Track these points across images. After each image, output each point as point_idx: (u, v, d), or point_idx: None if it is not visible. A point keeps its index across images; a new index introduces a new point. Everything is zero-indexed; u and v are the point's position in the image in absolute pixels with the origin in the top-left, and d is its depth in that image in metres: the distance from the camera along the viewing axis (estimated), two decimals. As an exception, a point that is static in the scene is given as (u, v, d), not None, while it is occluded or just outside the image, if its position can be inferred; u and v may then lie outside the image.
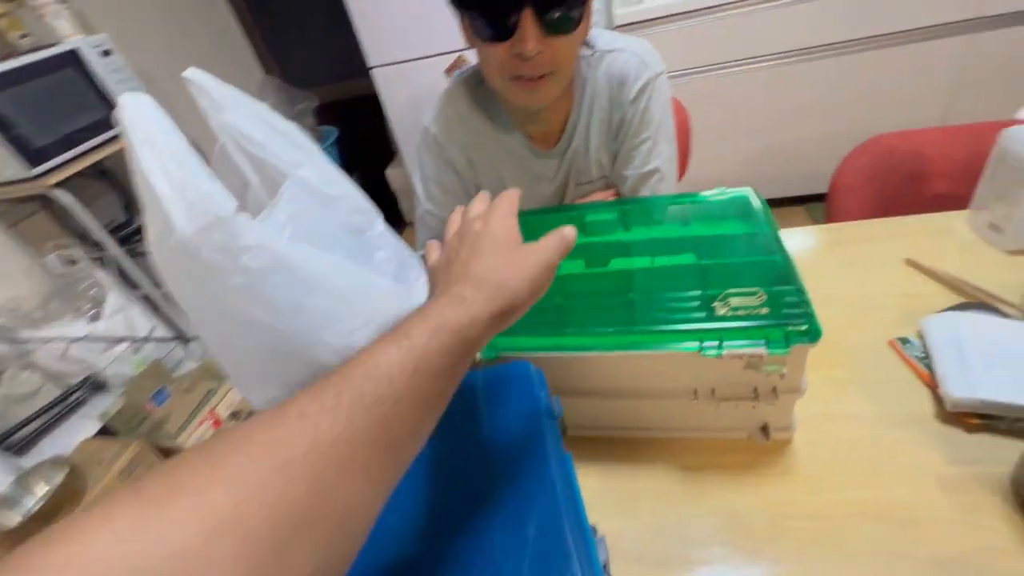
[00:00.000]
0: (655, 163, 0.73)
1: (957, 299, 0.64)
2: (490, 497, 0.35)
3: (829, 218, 0.96)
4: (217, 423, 1.36)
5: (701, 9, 1.52)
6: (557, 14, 0.56)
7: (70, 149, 1.40)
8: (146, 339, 1.42)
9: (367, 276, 0.61)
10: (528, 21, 0.55)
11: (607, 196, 0.78)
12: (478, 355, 0.51)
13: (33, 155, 1.31)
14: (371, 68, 1.81)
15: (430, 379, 0.27)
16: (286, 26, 2.48)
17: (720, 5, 1.51)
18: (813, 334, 0.44)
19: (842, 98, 1.64)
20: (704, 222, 0.65)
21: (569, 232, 0.36)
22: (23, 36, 1.41)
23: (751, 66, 1.62)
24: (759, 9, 1.50)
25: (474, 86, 0.74)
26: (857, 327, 0.64)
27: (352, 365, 0.27)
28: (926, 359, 0.56)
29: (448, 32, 1.55)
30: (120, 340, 1.40)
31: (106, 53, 1.50)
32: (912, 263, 0.70)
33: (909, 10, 1.46)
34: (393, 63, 1.78)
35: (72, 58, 1.42)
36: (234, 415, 1.41)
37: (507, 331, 0.53)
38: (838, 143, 1.42)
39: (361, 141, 2.52)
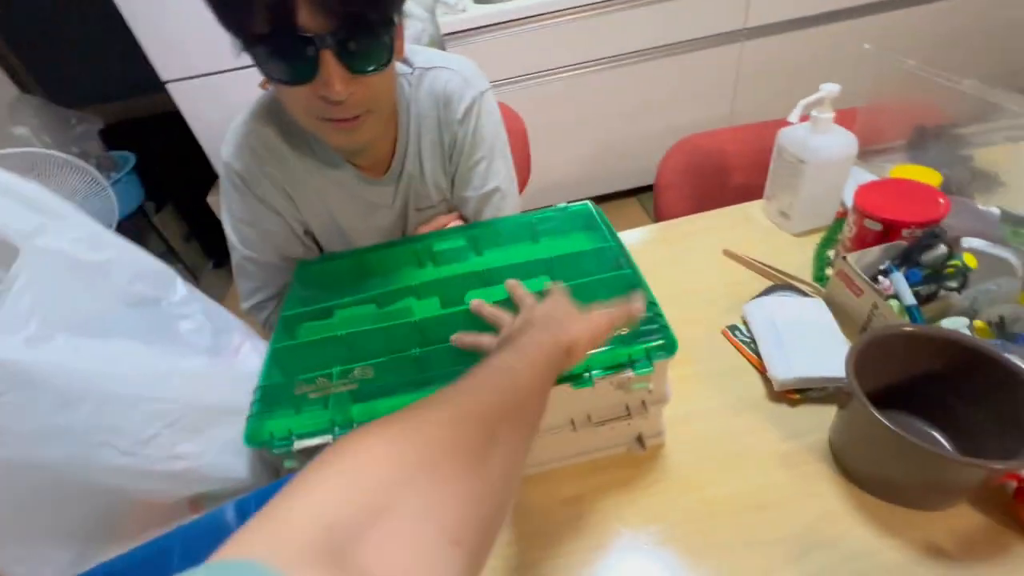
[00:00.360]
0: (494, 182, 0.71)
1: (766, 283, 0.72)
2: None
3: (657, 214, 1.04)
4: None
5: (522, 19, 1.57)
6: (362, 48, 0.48)
7: None
8: None
9: (166, 363, 0.49)
10: (328, 61, 0.47)
11: (451, 219, 0.74)
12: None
13: None
14: (166, 83, 1.55)
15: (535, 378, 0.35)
16: (45, 38, 2.01)
17: (538, 16, 1.57)
18: (670, 347, 0.46)
19: (654, 98, 1.83)
20: (552, 238, 0.65)
21: (637, 308, 0.45)
22: None
23: (574, 72, 1.72)
24: (573, 19, 1.60)
25: (279, 112, 0.63)
26: (693, 321, 0.69)
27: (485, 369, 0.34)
28: (752, 344, 0.62)
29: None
30: None
31: None
32: (729, 253, 0.78)
33: (690, 22, 1.67)
34: (194, 76, 1.53)
35: None
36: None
37: (362, 400, 0.47)
38: (656, 139, 1.57)
39: (169, 166, 2.15)
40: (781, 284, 0.71)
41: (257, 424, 0.45)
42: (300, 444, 0.44)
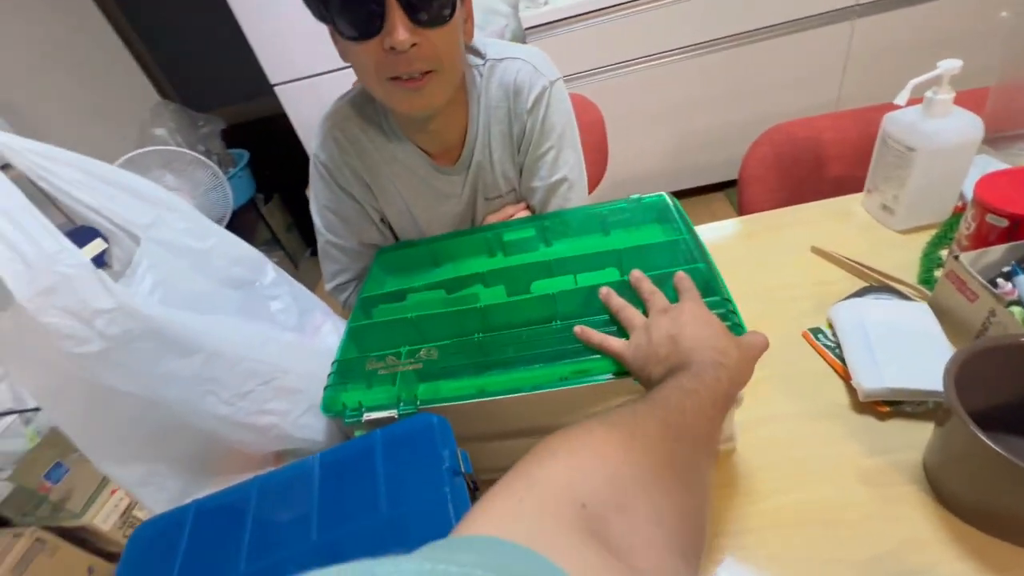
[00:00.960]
0: (562, 172, 0.71)
1: (860, 284, 0.65)
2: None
3: (741, 210, 0.98)
4: (132, 490, 1.23)
5: (604, 8, 1.54)
6: (425, 2, 0.51)
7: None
8: (33, 409, 1.26)
9: (260, 331, 0.55)
10: (394, 9, 0.50)
11: (519, 210, 0.75)
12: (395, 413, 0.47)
13: None
14: (274, 86, 1.71)
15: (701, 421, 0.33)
16: (179, 49, 2.31)
17: (621, 4, 1.53)
18: None
19: (748, 86, 1.71)
20: (624, 231, 0.63)
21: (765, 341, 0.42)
22: None
23: (659, 61, 1.65)
24: (658, 6, 1.54)
25: (362, 106, 0.69)
26: (773, 320, 0.64)
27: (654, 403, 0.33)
28: (837, 349, 0.57)
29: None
30: (6, 413, 1.24)
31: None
32: (817, 250, 0.72)
33: (790, 2, 1.54)
34: (296, 79, 1.68)
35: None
36: (152, 478, 1.28)
37: (427, 380, 0.49)
38: (747, 129, 1.45)
39: (276, 162, 2.38)
40: (878, 285, 0.64)
41: (332, 395, 0.49)
42: (368, 416, 0.47)
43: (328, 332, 0.63)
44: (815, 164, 0.94)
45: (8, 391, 1.27)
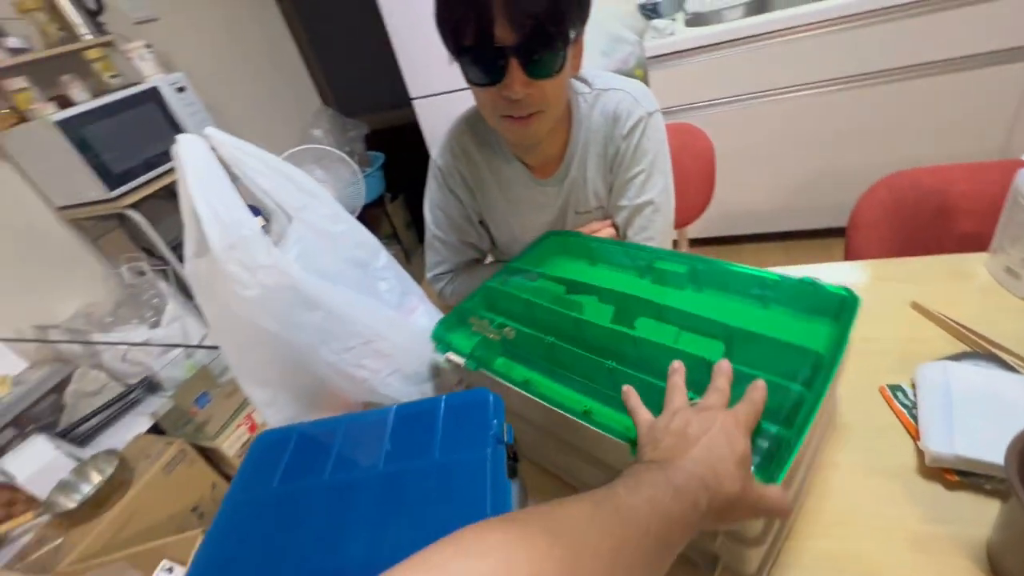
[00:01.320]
0: (649, 195, 0.76)
1: (961, 347, 0.61)
2: (425, 512, 0.38)
3: (847, 254, 0.93)
4: (252, 428, 1.47)
5: (729, 41, 1.53)
6: (540, 60, 0.60)
7: (144, 174, 1.58)
8: (197, 346, 1.55)
9: (367, 302, 0.66)
10: (514, 67, 0.59)
11: (604, 226, 0.80)
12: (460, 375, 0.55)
13: (113, 179, 1.49)
14: (412, 99, 1.93)
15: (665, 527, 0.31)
16: (340, 60, 2.69)
17: (749, 37, 1.51)
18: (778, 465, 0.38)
19: (886, 126, 1.57)
20: (768, 308, 0.53)
21: (785, 507, 0.37)
22: (113, 76, 1.61)
23: (782, 96, 1.59)
24: (791, 39, 1.49)
25: (476, 124, 0.80)
26: (852, 371, 0.61)
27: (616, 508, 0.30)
28: (914, 409, 0.54)
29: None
30: (175, 346, 1.55)
31: (180, 89, 1.69)
32: (918, 307, 0.67)
33: (950, 39, 1.40)
34: (431, 95, 1.88)
35: (152, 94, 1.62)
36: (268, 421, 1.51)
37: (506, 356, 0.56)
38: (874, 174, 1.33)
39: (404, 166, 2.65)
40: (983, 352, 0.59)
41: (440, 327, 0.60)
42: (449, 356, 0.57)
43: (420, 314, 0.74)
44: (939, 216, 0.87)
45: (179, 329, 1.59)
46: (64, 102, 1.50)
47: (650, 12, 1.78)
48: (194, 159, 0.52)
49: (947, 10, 1.36)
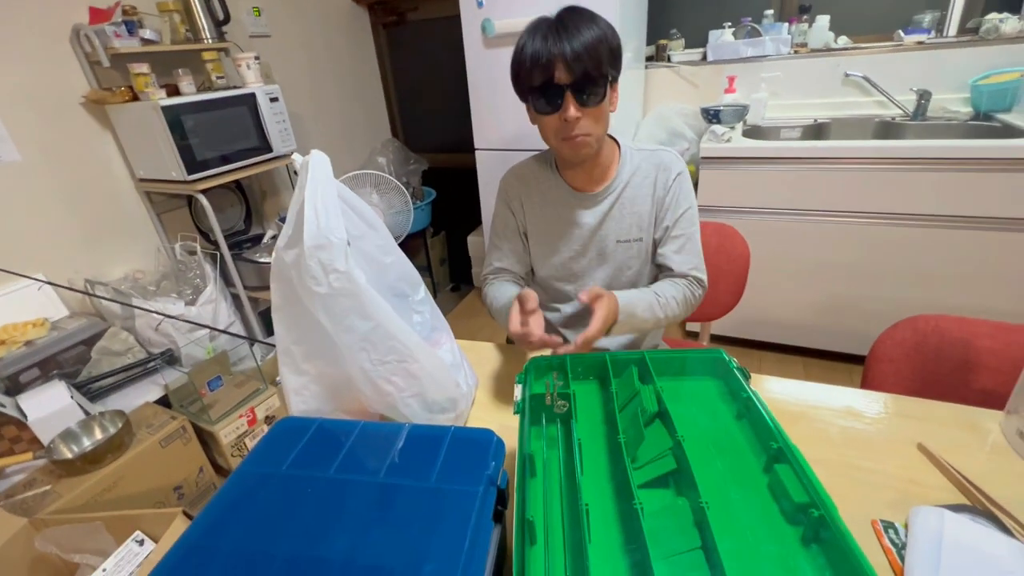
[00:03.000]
0: (695, 226, 0.98)
1: (960, 499, 0.61)
2: (409, 529, 0.40)
3: (863, 383, 0.94)
4: (252, 421, 1.50)
5: (782, 158, 1.60)
6: (587, 94, 0.82)
7: (220, 166, 1.71)
8: (223, 331, 1.62)
9: (410, 330, 0.71)
10: (568, 99, 0.82)
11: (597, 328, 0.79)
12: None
13: (194, 165, 1.63)
14: (476, 149, 2.07)
15: None
16: (417, 99, 2.91)
17: (802, 159, 1.58)
18: None
19: (921, 267, 1.60)
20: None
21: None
22: (219, 77, 1.79)
23: (823, 218, 1.65)
24: (847, 168, 1.56)
25: (539, 157, 1.03)
26: (848, 498, 0.62)
27: None
28: (903, 550, 0.54)
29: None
30: (204, 327, 1.62)
31: (274, 100, 1.85)
32: (924, 450, 0.68)
33: (1013, 199, 1.44)
34: (493, 149, 2.02)
35: (249, 99, 1.78)
36: (268, 419, 1.54)
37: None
38: (898, 310, 1.32)
39: (451, 206, 2.79)
40: (982, 509, 0.59)
41: (524, 371, 0.61)
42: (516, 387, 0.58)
43: (445, 349, 0.78)
44: (961, 367, 0.87)
45: (211, 311, 1.67)
46: (172, 91, 1.67)
47: (712, 117, 1.89)
48: (319, 170, 0.60)
49: (1002, 172, 1.41)
